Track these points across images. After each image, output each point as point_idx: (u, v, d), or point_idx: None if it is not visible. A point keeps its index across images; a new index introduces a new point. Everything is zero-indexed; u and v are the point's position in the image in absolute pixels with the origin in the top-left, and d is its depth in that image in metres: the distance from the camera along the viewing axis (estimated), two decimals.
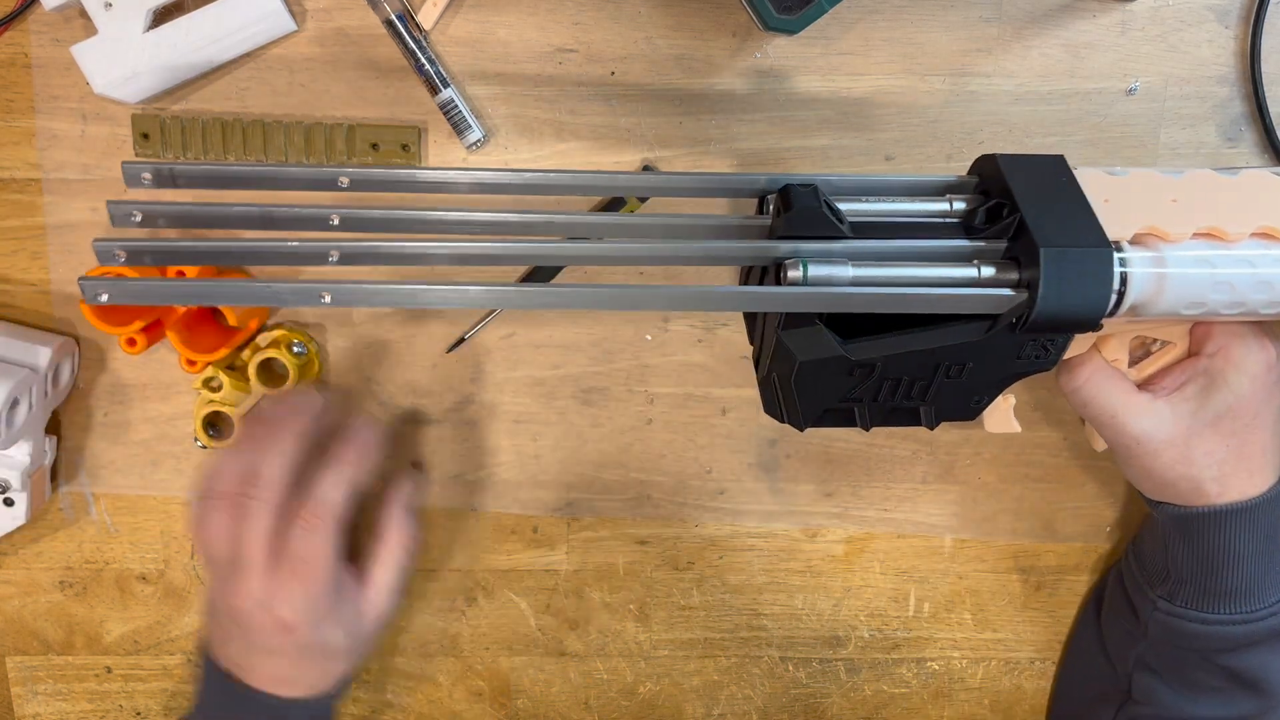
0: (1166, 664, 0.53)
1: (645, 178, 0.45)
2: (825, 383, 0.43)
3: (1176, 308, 0.43)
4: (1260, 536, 0.49)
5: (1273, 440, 0.48)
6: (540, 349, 0.57)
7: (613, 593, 0.61)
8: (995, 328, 0.42)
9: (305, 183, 0.43)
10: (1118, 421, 0.48)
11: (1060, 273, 0.40)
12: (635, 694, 0.63)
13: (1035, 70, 0.53)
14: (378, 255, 0.41)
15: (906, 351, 0.43)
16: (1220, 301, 0.43)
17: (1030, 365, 0.44)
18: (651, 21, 0.52)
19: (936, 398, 0.45)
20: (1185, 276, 0.42)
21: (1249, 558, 0.49)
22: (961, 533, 0.60)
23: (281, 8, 0.50)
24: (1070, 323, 0.41)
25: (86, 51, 0.50)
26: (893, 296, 0.41)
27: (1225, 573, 0.49)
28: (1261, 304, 0.43)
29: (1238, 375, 0.47)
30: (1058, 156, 0.44)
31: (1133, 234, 0.43)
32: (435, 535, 0.60)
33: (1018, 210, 0.41)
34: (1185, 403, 0.48)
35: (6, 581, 0.61)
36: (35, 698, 0.62)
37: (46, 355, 0.53)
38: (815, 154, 0.54)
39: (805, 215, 0.41)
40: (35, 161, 0.54)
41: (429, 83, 0.52)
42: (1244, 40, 0.53)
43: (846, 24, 0.52)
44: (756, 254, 0.42)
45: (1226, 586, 0.49)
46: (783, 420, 0.46)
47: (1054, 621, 0.61)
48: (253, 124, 0.52)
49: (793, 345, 0.42)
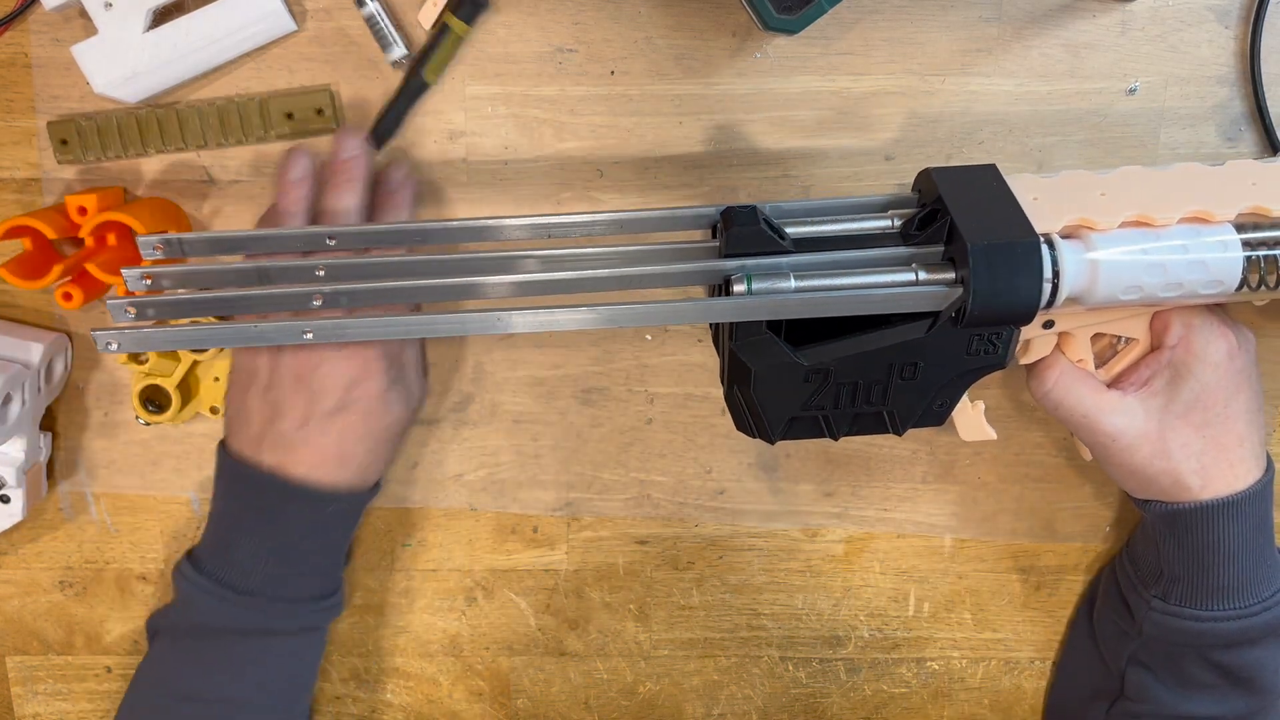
0: (1161, 661, 0.53)
1: (601, 217, 0.47)
2: (784, 391, 0.45)
3: (1115, 292, 0.44)
4: (1249, 530, 0.49)
5: (1249, 430, 0.49)
6: (540, 349, 0.57)
7: (613, 593, 0.61)
8: (937, 324, 0.44)
9: (300, 241, 0.47)
10: (1090, 421, 0.49)
11: (990, 265, 0.42)
12: (635, 694, 0.63)
13: (1035, 70, 0.53)
14: (354, 295, 0.45)
15: (856, 354, 0.44)
16: (1156, 284, 0.44)
17: (980, 362, 0.45)
18: (651, 21, 0.52)
19: (895, 401, 0.46)
20: (1117, 262, 0.44)
21: (1239, 552, 0.49)
22: (961, 533, 0.60)
23: (281, 8, 0.50)
24: (1008, 314, 0.43)
25: (86, 51, 0.50)
26: (832, 299, 0.43)
27: (1216, 569, 0.49)
28: (1200, 284, 0.44)
29: (1201, 365, 0.47)
30: (989, 166, 0.46)
31: (1062, 226, 0.44)
32: (435, 535, 0.60)
33: (949, 214, 0.43)
34: (1154, 397, 0.48)
35: (6, 581, 0.61)
36: (35, 698, 0.62)
37: (39, 351, 0.53)
38: (815, 154, 0.54)
39: (745, 234, 0.44)
40: (35, 161, 0.54)
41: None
42: (1244, 40, 0.53)
43: (846, 24, 0.52)
44: (706, 273, 0.44)
45: (1219, 582, 0.49)
46: (753, 435, 0.48)
47: (1054, 621, 0.61)
48: (166, 113, 0.52)
49: (745, 356, 0.44)
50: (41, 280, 0.51)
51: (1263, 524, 0.49)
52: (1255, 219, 0.45)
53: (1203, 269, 0.44)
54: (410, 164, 0.53)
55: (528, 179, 0.54)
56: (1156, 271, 0.44)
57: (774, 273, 0.44)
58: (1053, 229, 0.44)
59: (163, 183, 0.54)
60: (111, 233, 0.52)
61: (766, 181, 0.54)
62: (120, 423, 0.58)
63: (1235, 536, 0.49)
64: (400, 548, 0.60)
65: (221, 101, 0.52)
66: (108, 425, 0.58)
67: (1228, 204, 0.45)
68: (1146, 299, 0.45)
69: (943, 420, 0.48)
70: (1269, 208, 0.45)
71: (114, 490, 0.59)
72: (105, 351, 0.45)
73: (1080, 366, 0.50)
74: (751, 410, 0.46)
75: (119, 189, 0.54)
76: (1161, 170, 0.46)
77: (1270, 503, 0.50)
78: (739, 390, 0.46)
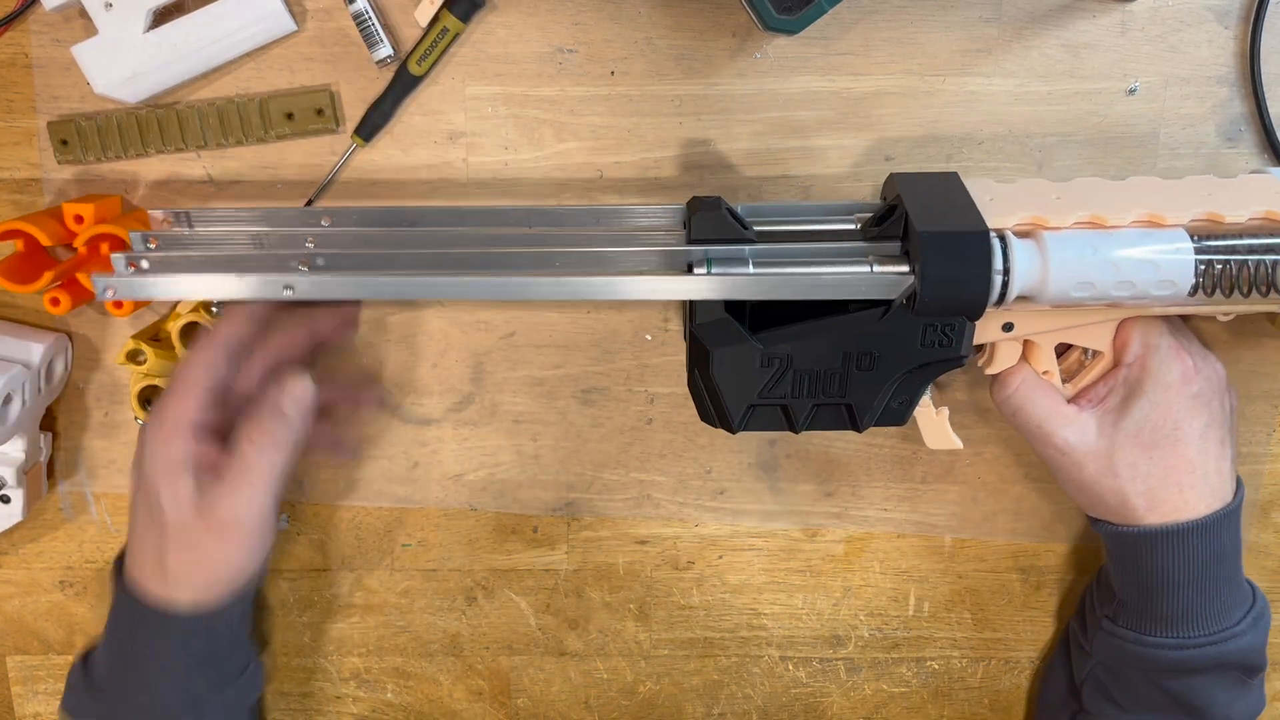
0: (1113, 680, 0.53)
1: (577, 209, 0.50)
2: (742, 376, 0.47)
3: (1066, 289, 0.45)
4: (1198, 563, 0.48)
5: (1202, 458, 0.48)
6: (540, 349, 0.57)
7: (613, 592, 0.61)
8: (890, 310, 0.45)
9: (296, 218, 0.50)
10: (1044, 431, 0.49)
11: (940, 252, 0.44)
12: (635, 693, 0.63)
13: (1035, 70, 0.53)
14: (338, 260, 0.48)
15: (812, 341, 0.46)
16: (1108, 281, 0.45)
17: (935, 354, 0.46)
18: (651, 21, 0.52)
19: (854, 392, 0.47)
20: (1067, 256, 0.44)
21: (1184, 583, 0.48)
22: (961, 533, 0.60)
23: (281, 8, 0.50)
24: (959, 303, 0.45)
25: (87, 51, 0.50)
26: (787, 281, 0.45)
27: (1160, 596, 0.49)
28: (1151, 284, 0.45)
29: (1154, 384, 0.47)
30: (951, 173, 0.48)
31: (1015, 223, 0.46)
32: (435, 535, 0.60)
33: (905, 210, 0.45)
34: (1108, 414, 0.48)
35: (6, 581, 0.61)
36: (35, 697, 0.62)
37: (39, 351, 0.53)
38: (815, 154, 0.54)
39: (709, 220, 0.46)
40: (35, 161, 0.54)
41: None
42: (1244, 40, 0.53)
43: (846, 24, 0.52)
44: (671, 255, 0.47)
45: (1162, 610, 0.49)
46: (715, 424, 0.49)
47: (1054, 621, 0.61)
48: (166, 113, 0.52)
49: (704, 337, 0.46)
50: (31, 285, 0.51)
51: (1218, 557, 0.48)
52: (1209, 227, 0.45)
53: (1153, 269, 0.44)
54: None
55: (527, 179, 0.54)
56: (1107, 269, 0.44)
57: (735, 258, 0.46)
58: (1006, 225, 0.45)
59: (163, 183, 0.54)
60: (105, 243, 0.52)
61: (767, 182, 0.54)
62: (120, 423, 0.58)
63: (1180, 566, 0.48)
64: (400, 548, 0.60)
65: (221, 102, 0.52)
66: (108, 425, 0.58)
67: (1181, 209, 0.45)
68: (1099, 297, 0.45)
69: (904, 419, 0.49)
70: (1222, 214, 0.45)
71: (114, 490, 0.59)
72: (103, 299, 0.46)
73: (1046, 378, 0.50)
74: (712, 395, 0.48)
75: (117, 198, 0.54)
76: (1118, 181, 0.47)
77: (1229, 535, 0.49)
78: (699, 374, 0.48)
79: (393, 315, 0.56)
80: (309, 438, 0.50)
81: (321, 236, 0.49)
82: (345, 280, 0.46)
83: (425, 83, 0.52)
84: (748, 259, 0.46)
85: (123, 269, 0.47)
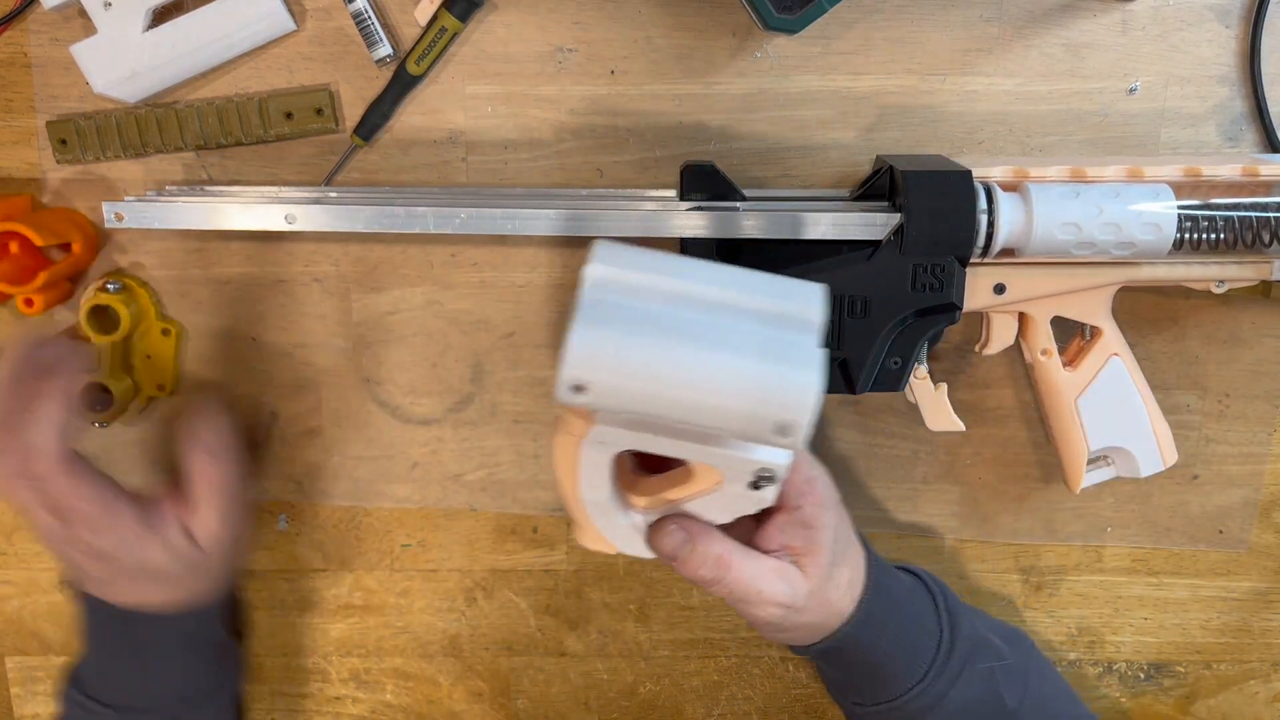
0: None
1: (577, 191, 0.53)
2: None
3: (1052, 229, 0.46)
4: (892, 615, 0.50)
5: (851, 531, 0.50)
6: (540, 349, 0.57)
7: (613, 593, 0.61)
8: (878, 250, 0.48)
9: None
10: (763, 596, 0.45)
11: (925, 188, 0.46)
12: (635, 694, 0.63)
13: (1035, 70, 0.53)
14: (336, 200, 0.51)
15: None
16: (1095, 224, 0.46)
17: (927, 299, 0.48)
18: (651, 21, 0.52)
19: (849, 344, 0.49)
20: (1051, 198, 0.46)
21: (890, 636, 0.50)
22: (961, 533, 0.60)
23: (281, 8, 0.50)
24: (946, 240, 0.47)
25: (86, 51, 0.50)
26: (778, 216, 0.47)
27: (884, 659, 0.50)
28: (1137, 227, 0.46)
29: (824, 511, 0.47)
30: (937, 155, 0.51)
31: (998, 175, 0.48)
32: (435, 535, 0.60)
33: (890, 167, 0.48)
34: (805, 556, 0.47)
35: (6, 581, 0.61)
36: (35, 698, 0.62)
37: None
38: (815, 154, 0.54)
39: (702, 176, 0.49)
40: (35, 161, 0.54)
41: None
42: (1244, 40, 0.53)
43: (846, 24, 0.52)
44: (664, 210, 0.48)
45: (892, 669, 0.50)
46: None
47: (1054, 622, 0.61)
48: (165, 113, 0.52)
49: None
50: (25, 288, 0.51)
51: (896, 601, 0.51)
52: (1191, 182, 0.47)
53: (1138, 214, 0.46)
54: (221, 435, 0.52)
55: (527, 179, 0.54)
56: (1091, 210, 0.46)
57: (726, 210, 0.48)
58: (989, 176, 0.48)
59: (162, 182, 0.54)
60: (13, 241, 0.52)
61: (767, 181, 0.54)
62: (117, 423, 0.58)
63: (878, 635, 0.50)
64: (400, 548, 0.60)
65: (220, 101, 0.52)
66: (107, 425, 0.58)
67: (1163, 164, 0.48)
68: (1085, 242, 0.46)
69: (901, 384, 0.50)
70: (1200, 167, 0.47)
71: None
72: (110, 226, 0.49)
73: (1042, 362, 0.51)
74: None
75: (27, 197, 0.54)
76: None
77: (884, 576, 0.51)
78: None
79: (393, 315, 0.56)
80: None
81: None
82: (345, 210, 0.48)
83: (425, 82, 0.52)
84: (739, 210, 0.48)
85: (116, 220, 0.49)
